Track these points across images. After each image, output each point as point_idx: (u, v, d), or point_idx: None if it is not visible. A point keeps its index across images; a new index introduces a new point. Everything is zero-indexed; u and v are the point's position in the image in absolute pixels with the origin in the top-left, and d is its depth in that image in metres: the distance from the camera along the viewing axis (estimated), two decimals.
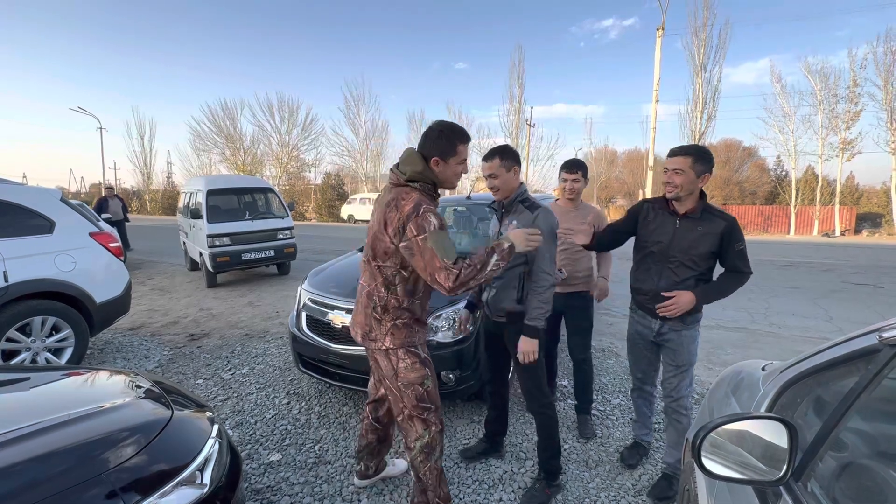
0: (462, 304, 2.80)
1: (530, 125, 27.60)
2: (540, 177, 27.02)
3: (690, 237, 2.00)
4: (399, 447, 2.61)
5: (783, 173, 26.27)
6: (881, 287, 7.25)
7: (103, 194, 11.35)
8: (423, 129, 1.98)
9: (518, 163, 2.08)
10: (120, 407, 1.42)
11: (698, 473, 1.48)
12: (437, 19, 65.98)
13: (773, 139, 24.30)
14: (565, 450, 2.58)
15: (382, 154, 33.18)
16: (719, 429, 0.93)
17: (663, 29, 16.50)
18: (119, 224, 10.39)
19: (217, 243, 6.82)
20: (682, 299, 1.99)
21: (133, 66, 69.03)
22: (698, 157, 1.95)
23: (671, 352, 2.14)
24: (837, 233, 21.34)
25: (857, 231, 22.37)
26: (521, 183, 2.13)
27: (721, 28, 22.01)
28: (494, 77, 76.86)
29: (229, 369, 3.77)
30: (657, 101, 17.17)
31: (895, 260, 10.70)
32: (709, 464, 0.90)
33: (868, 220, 23.49)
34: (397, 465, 2.38)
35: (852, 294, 6.71)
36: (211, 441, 1.44)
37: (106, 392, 1.61)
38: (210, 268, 6.86)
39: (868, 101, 21.27)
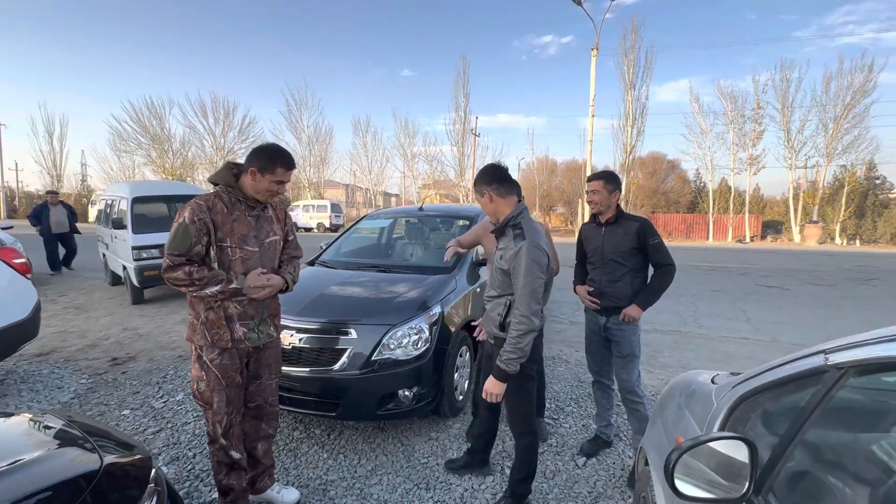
0: (419, 321, 2.77)
1: (476, 135, 28.22)
2: None
3: (614, 239, 2.50)
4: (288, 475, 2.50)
5: (702, 184, 28.84)
6: (787, 289, 8.16)
7: (44, 200, 9.16)
8: (369, 135, 2.08)
9: (502, 187, 1.98)
10: (39, 461, 1.22)
11: (656, 482, 1.54)
12: (382, 25, 65.79)
13: (693, 153, 26.78)
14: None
15: (327, 160, 32.32)
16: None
17: (598, 49, 17.58)
18: (64, 237, 8.83)
19: (144, 255, 6.23)
20: (631, 312, 2.43)
21: (40, 54, 61.94)
22: (608, 180, 2.51)
23: (617, 344, 2.54)
24: (748, 239, 23.77)
25: (763, 237, 25.08)
26: (519, 207, 2.00)
27: (647, 51, 23.97)
28: (441, 86, 77.87)
29: (161, 396, 3.44)
30: (593, 115, 18.24)
31: (796, 264, 12.09)
32: (680, 485, 0.93)
33: (771, 227, 26.41)
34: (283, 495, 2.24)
35: (765, 296, 7.48)
36: (150, 488, 1.29)
37: (14, 442, 1.38)
38: (136, 282, 6.25)
39: (769, 122, 24.07)
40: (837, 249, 19.03)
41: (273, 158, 1.85)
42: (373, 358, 2.63)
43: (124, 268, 6.59)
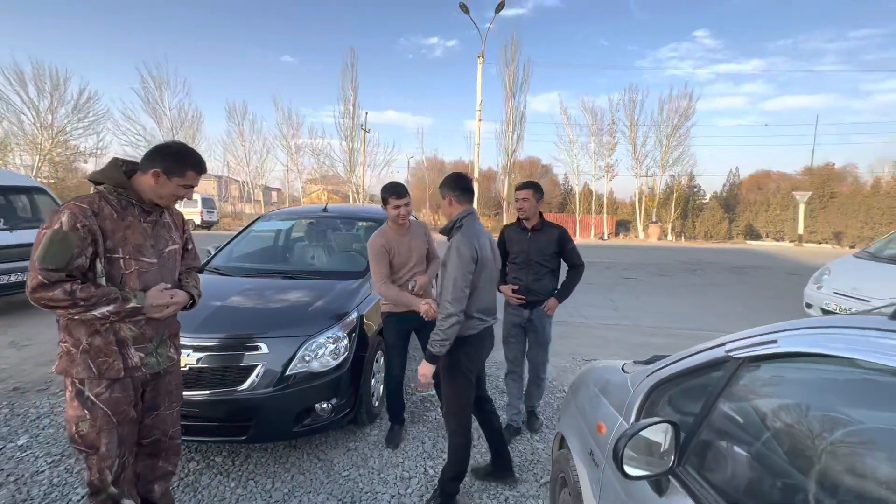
0: (337, 329, 2.66)
1: (365, 130, 27.68)
2: (377, 182, 27.30)
3: (539, 244, 2.87)
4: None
5: (570, 187, 32.54)
6: (640, 280, 9.70)
7: None
8: (247, 122, 1.96)
9: (463, 196, 2.17)
10: None
11: (578, 462, 1.73)
12: (256, 2, 60.26)
13: (563, 160, 30.06)
14: (439, 446, 2.69)
15: (195, 148, 28.58)
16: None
17: (483, 57, 18.61)
18: None
19: None
20: (552, 303, 2.89)
21: None
22: (536, 189, 2.85)
23: (537, 333, 2.95)
24: (606, 236, 27.54)
25: (617, 234, 29.29)
26: (467, 210, 2.16)
27: (525, 64, 26.11)
28: (325, 76, 74.45)
29: None
30: (480, 120, 19.28)
31: (645, 258, 14.39)
32: (627, 468, 1.08)
33: (623, 226, 30.98)
34: None
35: (626, 286, 8.79)
36: None
37: None
38: None
39: (621, 137, 28.17)
40: (671, 245, 23.13)
41: (184, 160, 1.65)
42: (287, 373, 2.45)
43: None
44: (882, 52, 58.85)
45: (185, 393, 2.31)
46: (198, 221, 22.42)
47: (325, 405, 2.56)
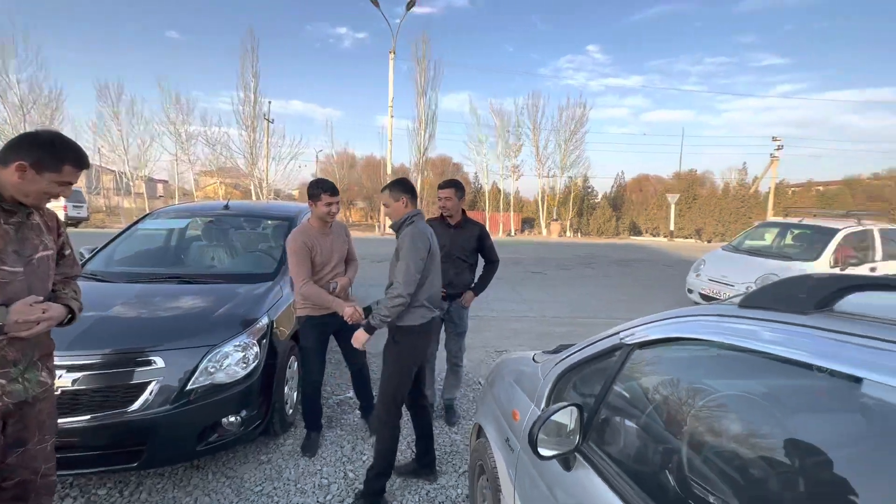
0: (245, 336, 2.49)
1: (269, 120, 25.83)
2: (283, 177, 25.54)
3: (461, 240, 3.02)
4: None
5: (479, 186, 33.81)
6: (546, 273, 10.48)
7: None
8: (123, 105, 1.80)
9: (412, 200, 2.33)
10: None
11: (495, 450, 1.84)
12: None
13: (473, 159, 31.07)
14: (364, 458, 2.67)
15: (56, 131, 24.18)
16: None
17: (394, 53, 18.51)
18: None
19: None
20: (468, 296, 3.09)
21: None
22: (458, 188, 3.00)
23: (454, 324, 3.11)
24: (513, 233, 29.16)
25: (523, 231, 31.18)
26: (417, 210, 2.33)
27: (436, 62, 26.43)
28: (220, 58, 67.59)
29: None
30: (392, 116, 19.15)
31: (547, 253, 15.53)
32: (540, 450, 1.19)
33: (528, 223, 33.05)
34: None
35: (533, 280, 9.43)
36: None
37: None
38: None
39: (526, 139, 29.97)
40: (570, 241, 25.23)
41: (59, 152, 1.43)
42: (189, 387, 2.24)
43: None
44: (731, 78, 70.76)
45: (59, 420, 2.00)
46: (62, 217, 19.12)
47: (233, 419, 2.39)
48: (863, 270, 6.21)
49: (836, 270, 6.02)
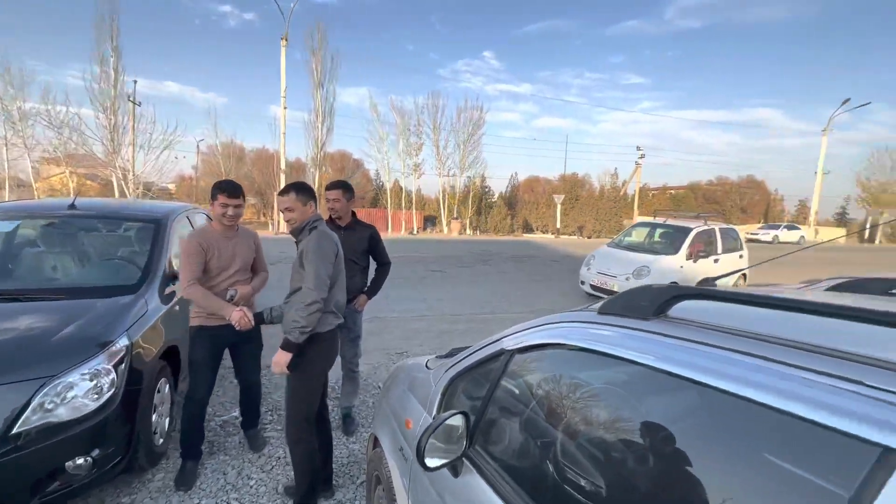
0: (98, 361, 2.13)
1: (135, 102, 22.35)
2: (156, 168, 22.18)
3: (352, 242, 2.88)
4: None
5: (381, 183, 33.46)
6: (446, 272, 10.73)
7: None
8: None
9: (316, 203, 2.26)
10: None
11: (390, 460, 1.83)
12: None
13: (374, 156, 30.58)
14: (245, 473, 2.47)
15: None
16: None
17: (287, 40, 17.35)
18: None
19: None
20: (362, 300, 3.01)
21: None
22: (346, 189, 2.87)
23: (347, 329, 2.95)
24: (415, 231, 29.39)
25: (425, 229, 31.61)
26: (318, 214, 2.27)
27: (333, 54, 25.40)
28: (70, 25, 56.48)
29: None
30: (285, 107, 17.97)
31: (448, 251, 15.93)
32: (427, 461, 1.20)
33: (430, 221, 33.61)
34: None
35: (433, 279, 9.59)
36: None
37: None
38: None
39: (426, 138, 30.34)
40: (470, 238, 26.21)
41: None
42: (15, 430, 1.85)
43: None
44: (604, 92, 79.91)
45: None
46: None
47: (80, 461, 2.02)
48: (709, 261, 7.71)
49: (691, 262, 7.31)
